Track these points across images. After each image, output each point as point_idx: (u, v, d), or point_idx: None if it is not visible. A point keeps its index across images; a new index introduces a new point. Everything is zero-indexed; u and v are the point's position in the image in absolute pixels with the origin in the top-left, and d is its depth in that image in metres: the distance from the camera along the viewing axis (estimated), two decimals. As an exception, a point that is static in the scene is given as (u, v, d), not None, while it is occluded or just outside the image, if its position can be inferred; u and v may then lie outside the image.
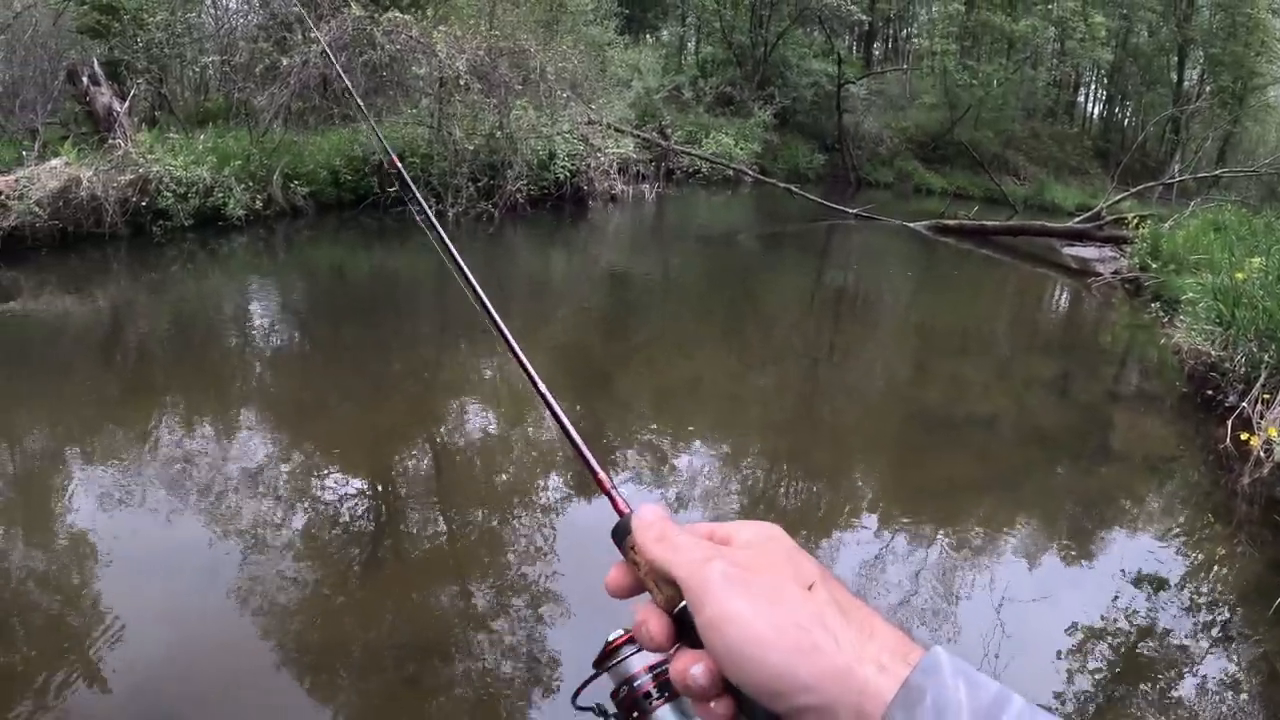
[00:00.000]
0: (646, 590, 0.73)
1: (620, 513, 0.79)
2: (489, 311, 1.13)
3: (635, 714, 0.90)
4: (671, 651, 0.70)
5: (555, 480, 6.39)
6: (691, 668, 0.66)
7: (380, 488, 6.08)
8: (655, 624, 0.70)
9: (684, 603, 0.68)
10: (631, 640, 0.77)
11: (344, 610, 4.61)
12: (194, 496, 5.65)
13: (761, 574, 0.65)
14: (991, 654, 4.49)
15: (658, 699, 0.89)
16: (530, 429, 7.39)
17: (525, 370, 1.06)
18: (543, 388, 1.04)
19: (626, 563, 0.75)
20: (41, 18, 15.80)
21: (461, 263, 1.20)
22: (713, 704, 0.66)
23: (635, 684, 0.89)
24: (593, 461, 0.89)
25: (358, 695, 4.02)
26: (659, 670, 0.90)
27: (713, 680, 0.65)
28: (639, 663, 0.89)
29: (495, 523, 5.63)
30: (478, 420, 7.57)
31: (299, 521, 5.48)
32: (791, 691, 0.60)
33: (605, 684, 0.95)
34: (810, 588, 0.65)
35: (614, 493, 0.84)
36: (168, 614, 4.46)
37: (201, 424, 6.97)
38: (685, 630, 0.68)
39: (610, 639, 0.90)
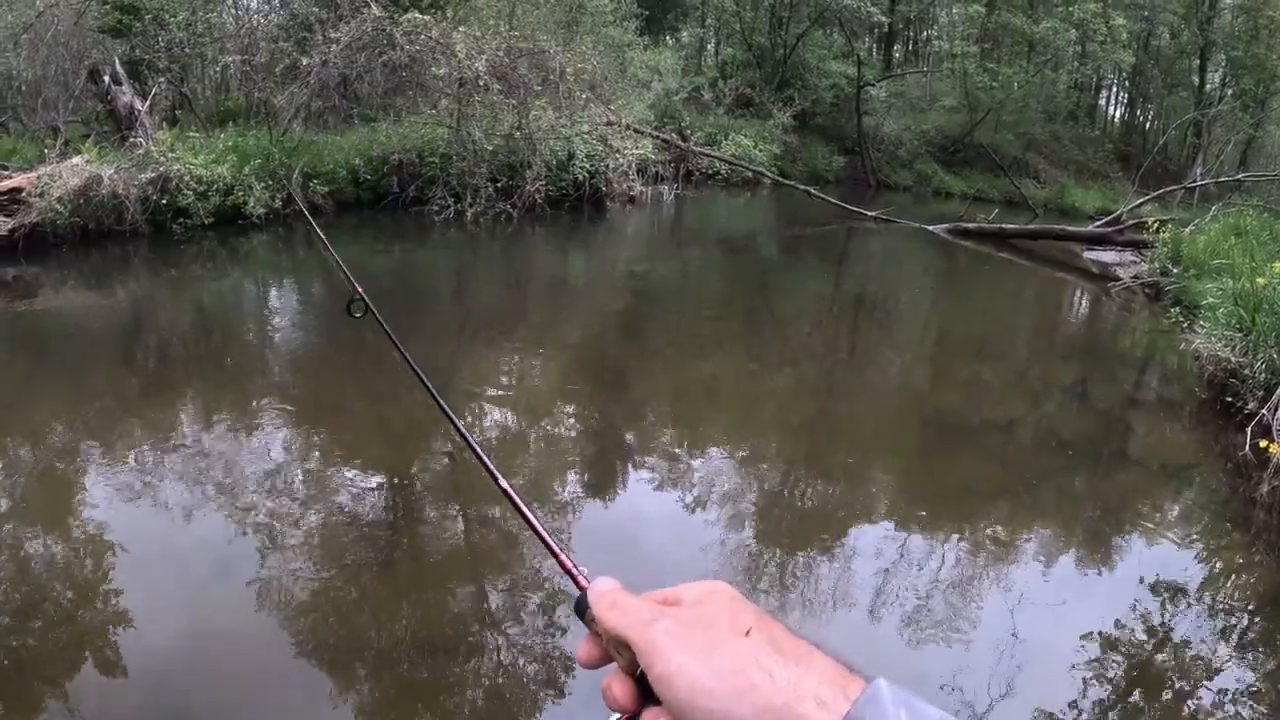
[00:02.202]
0: (612, 659, 0.77)
1: (580, 588, 0.85)
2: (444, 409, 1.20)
3: None
4: (643, 714, 0.73)
5: (572, 478, 6.40)
6: None
7: (397, 485, 6.09)
8: (618, 687, 0.75)
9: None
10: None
11: (358, 607, 4.62)
12: (211, 492, 5.68)
13: (699, 628, 0.70)
14: (1006, 660, 4.48)
15: None
16: (548, 426, 7.40)
17: (483, 464, 1.22)
18: (504, 483, 1.18)
19: (591, 635, 0.81)
20: (63, 17, 15.91)
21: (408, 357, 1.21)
22: None
23: None
24: (551, 542, 0.99)
25: (371, 692, 4.03)
26: None
27: None
28: None
29: (510, 522, 5.63)
30: (495, 417, 7.58)
31: (315, 518, 5.50)
32: None
33: None
34: (747, 633, 0.69)
35: (574, 570, 0.91)
36: (183, 607, 4.49)
37: (219, 420, 7.00)
38: (646, 691, 0.73)
39: None
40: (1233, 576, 5.89)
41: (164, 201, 12.87)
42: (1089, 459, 7.77)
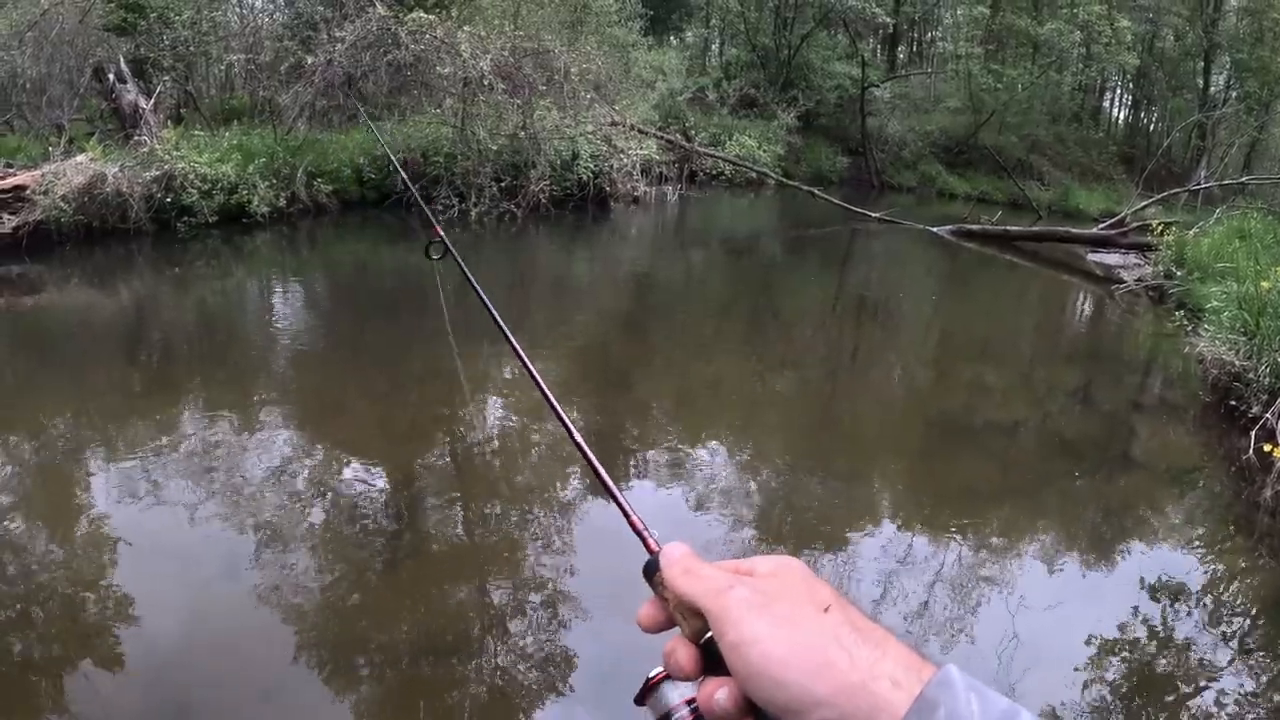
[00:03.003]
0: (676, 624, 0.77)
1: (650, 551, 0.84)
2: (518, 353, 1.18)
3: None
4: (700, 681, 0.73)
5: (575, 479, 6.39)
6: (717, 692, 0.70)
7: (400, 485, 6.10)
8: (683, 653, 0.75)
9: (710, 633, 0.72)
10: (669, 676, 0.80)
11: (362, 606, 4.62)
12: (214, 490, 5.69)
13: (780, 599, 0.69)
14: (1008, 662, 4.47)
15: None
16: (551, 427, 7.40)
17: (560, 417, 1.17)
18: (578, 437, 1.12)
19: (656, 599, 0.80)
20: (68, 15, 15.91)
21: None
22: None
23: (673, 717, 0.93)
24: (625, 504, 0.96)
25: (374, 691, 4.03)
26: (696, 703, 0.93)
27: (736, 703, 0.69)
28: (676, 696, 0.92)
29: (514, 522, 5.64)
30: (499, 418, 7.59)
31: (318, 517, 5.50)
32: (809, 708, 0.63)
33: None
34: (826, 610, 0.68)
35: (645, 533, 0.90)
36: (186, 605, 4.50)
37: (223, 418, 7.00)
38: (711, 659, 0.72)
39: (650, 675, 0.93)
40: (1236, 580, 5.88)
41: (168, 200, 12.88)
42: (1092, 462, 7.76)
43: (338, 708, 3.94)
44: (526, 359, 1.28)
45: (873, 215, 21.02)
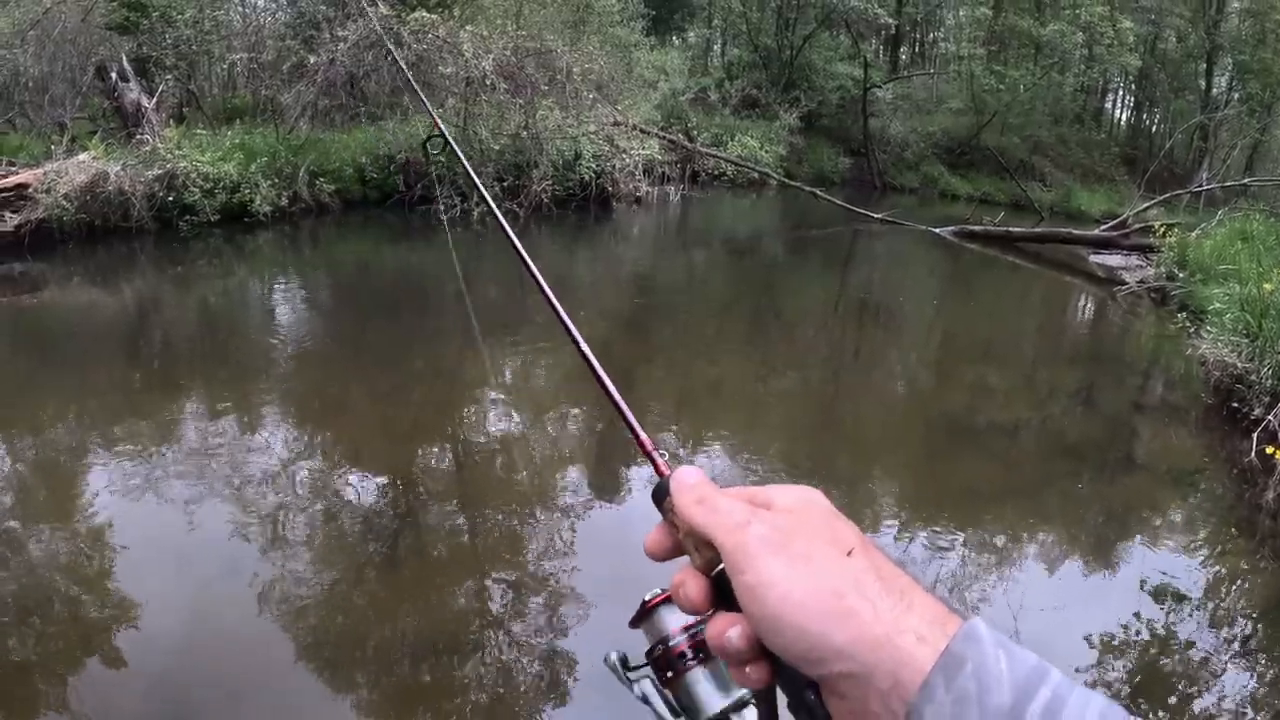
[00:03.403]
0: (685, 553, 0.73)
1: (660, 474, 0.81)
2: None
3: (669, 673, 0.90)
4: (708, 614, 0.70)
5: (576, 479, 6.40)
6: (728, 631, 0.66)
7: (401, 484, 6.09)
8: (693, 586, 0.70)
9: (722, 565, 0.68)
10: (668, 600, 0.77)
11: (363, 606, 4.62)
12: (215, 489, 5.68)
13: (799, 539, 0.65)
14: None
15: (692, 660, 0.89)
16: (553, 428, 7.40)
17: (567, 328, 1.17)
18: (584, 347, 1.11)
19: (665, 524, 0.77)
20: (70, 14, 15.93)
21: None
22: (748, 668, 0.66)
23: (671, 643, 0.89)
24: (634, 423, 0.93)
25: (374, 691, 4.03)
26: (695, 631, 0.90)
27: (749, 644, 0.65)
28: (674, 622, 0.89)
29: (516, 521, 5.63)
30: (500, 417, 7.58)
31: (320, 516, 5.50)
32: (827, 658, 0.60)
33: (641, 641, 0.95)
34: (850, 553, 0.64)
35: (655, 454, 0.87)
36: (187, 605, 4.49)
37: (224, 418, 7.01)
38: (723, 593, 0.68)
39: (647, 598, 0.90)
40: (1237, 582, 5.87)
41: (170, 198, 12.89)
42: (1094, 463, 7.75)
43: (338, 706, 3.94)
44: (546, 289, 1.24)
45: (875, 216, 21.00)
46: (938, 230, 19.96)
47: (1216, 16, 35.35)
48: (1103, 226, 19.46)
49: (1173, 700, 4.47)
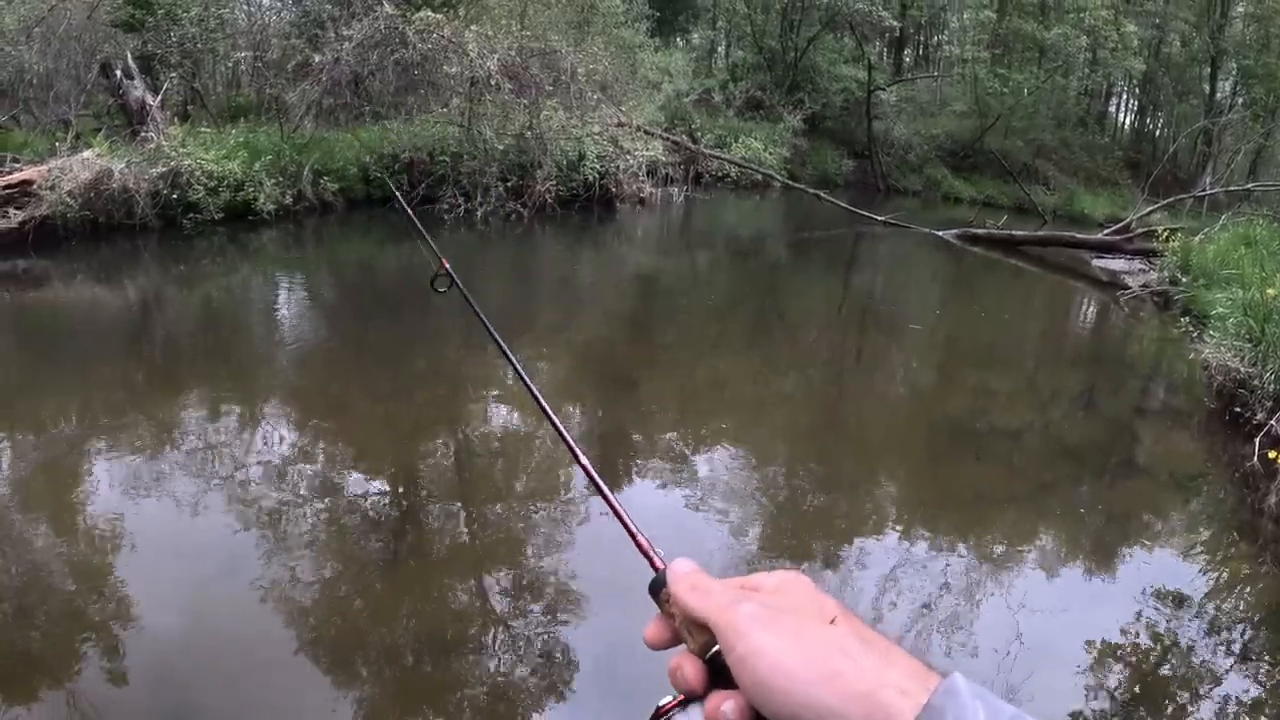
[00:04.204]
0: (682, 640, 0.78)
1: (656, 568, 0.86)
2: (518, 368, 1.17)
3: None
4: (708, 697, 0.74)
5: (576, 479, 6.40)
6: (723, 705, 0.70)
7: (402, 485, 6.10)
8: (689, 668, 0.75)
9: (716, 648, 0.73)
10: (681, 704, 0.81)
11: (363, 605, 4.63)
12: (216, 487, 5.69)
13: (786, 613, 0.71)
14: (1012, 666, 4.47)
15: None
16: (552, 429, 7.39)
17: (562, 436, 1.23)
18: (585, 460, 1.17)
19: (663, 615, 0.81)
20: (76, 11, 15.95)
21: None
22: None
23: None
24: (631, 523, 0.98)
25: (374, 689, 4.03)
26: None
27: (743, 716, 0.69)
28: None
29: (515, 522, 5.64)
30: (501, 419, 7.59)
31: (321, 515, 5.50)
32: (819, 717, 0.64)
33: None
34: (832, 621, 0.70)
35: (650, 551, 0.91)
36: (188, 603, 4.50)
37: (225, 416, 7.01)
38: (717, 674, 0.73)
39: (661, 704, 0.94)
40: (1239, 587, 5.87)
41: (174, 196, 12.90)
42: (1096, 467, 7.76)
43: (337, 705, 3.94)
44: (536, 391, 1.30)
45: (878, 218, 21.02)
46: (941, 233, 19.96)
47: (1221, 21, 35.32)
48: (1106, 230, 19.47)
49: (1174, 705, 4.48)
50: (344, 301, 11.83)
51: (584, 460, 1.16)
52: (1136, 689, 4.52)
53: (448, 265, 2.06)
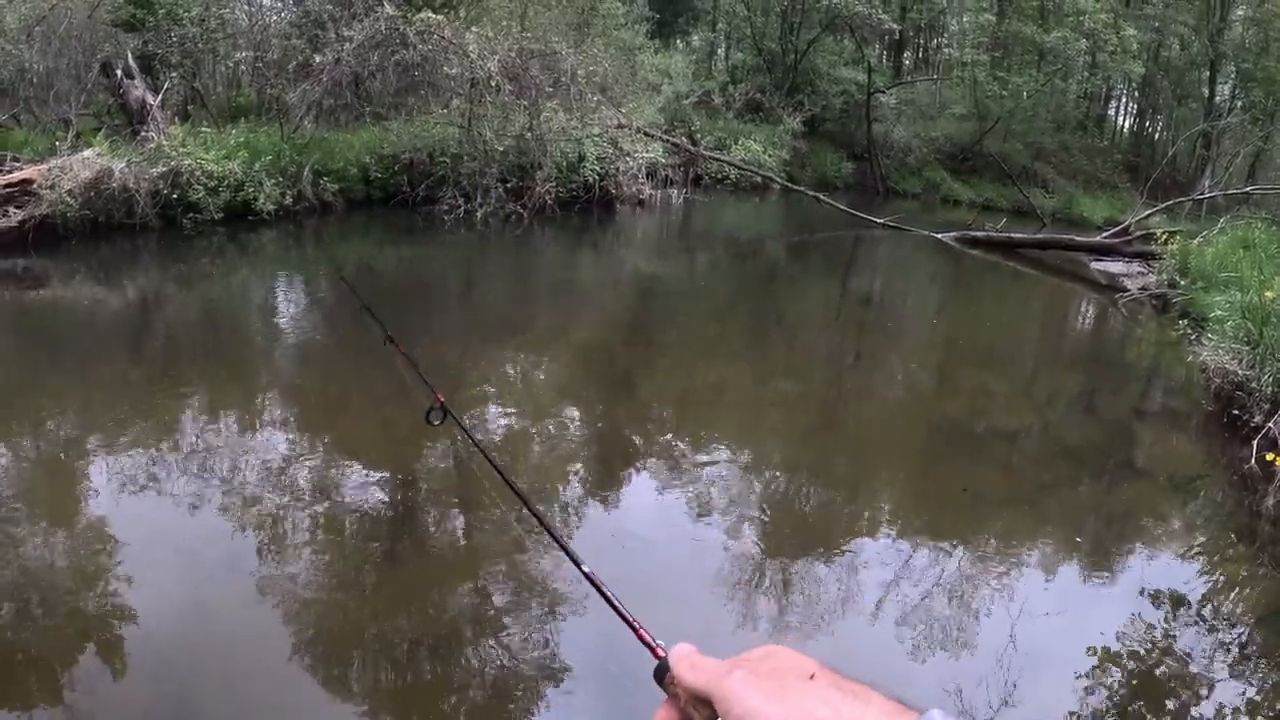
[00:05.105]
0: (689, 719, 0.87)
1: (658, 656, 0.94)
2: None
3: None
4: None
5: (574, 481, 6.41)
6: None
7: (401, 485, 6.10)
8: None
9: (718, 718, 0.81)
10: None
11: (360, 605, 4.63)
12: (215, 486, 5.69)
13: (772, 675, 0.79)
14: (1010, 669, 4.48)
15: None
16: (553, 429, 7.41)
17: (563, 548, 1.43)
18: (586, 567, 1.38)
19: (669, 700, 0.90)
20: (77, 10, 15.97)
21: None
22: None
23: None
24: (631, 619, 1.11)
25: (372, 689, 4.04)
26: None
27: None
28: None
29: (515, 520, 5.64)
30: (502, 421, 7.59)
31: (319, 515, 5.51)
32: None
33: None
34: (811, 677, 0.78)
35: (651, 640, 1.03)
36: (185, 602, 4.50)
37: (225, 416, 7.02)
38: None
39: None
40: (1237, 589, 5.88)
41: (174, 196, 12.91)
42: (1094, 469, 7.76)
43: (336, 704, 3.95)
44: (542, 517, 1.42)
45: (877, 221, 21.04)
46: (940, 236, 19.99)
47: (1220, 24, 35.35)
48: (1105, 233, 19.50)
49: (1173, 707, 4.48)
50: (344, 301, 11.82)
51: (585, 567, 1.38)
52: (1134, 690, 4.53)
53: (442, 398, 2.14)
